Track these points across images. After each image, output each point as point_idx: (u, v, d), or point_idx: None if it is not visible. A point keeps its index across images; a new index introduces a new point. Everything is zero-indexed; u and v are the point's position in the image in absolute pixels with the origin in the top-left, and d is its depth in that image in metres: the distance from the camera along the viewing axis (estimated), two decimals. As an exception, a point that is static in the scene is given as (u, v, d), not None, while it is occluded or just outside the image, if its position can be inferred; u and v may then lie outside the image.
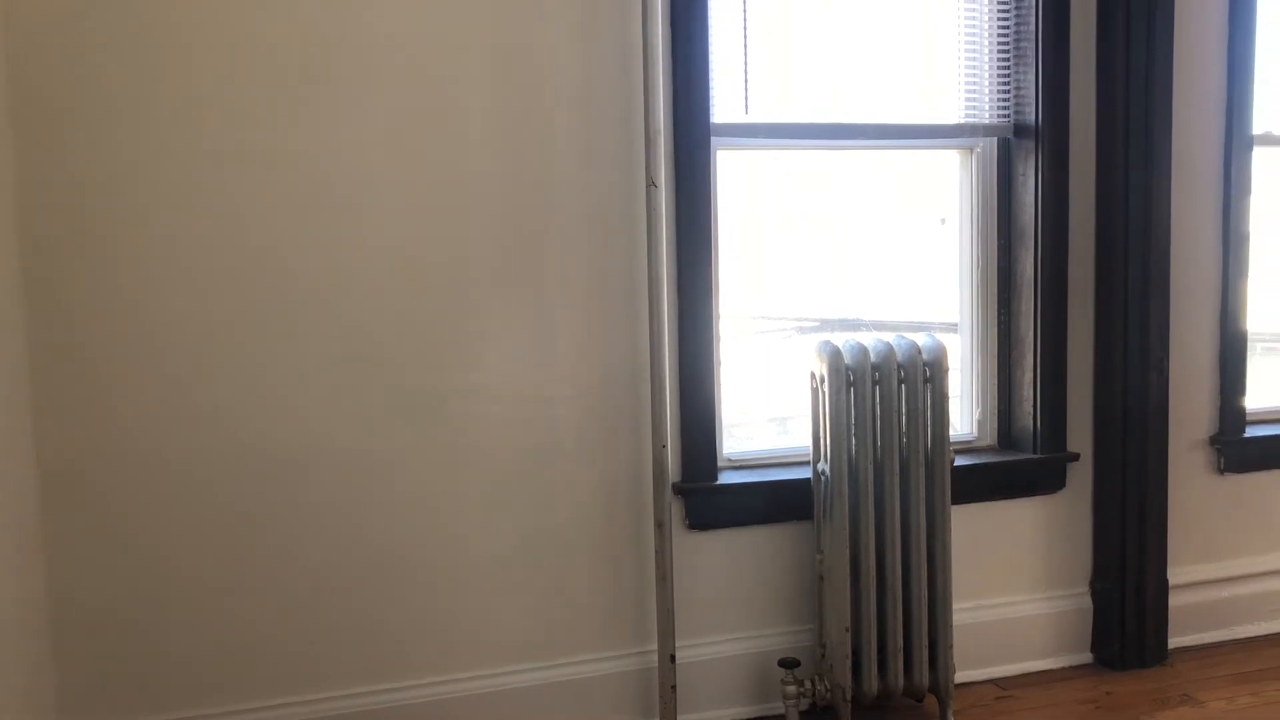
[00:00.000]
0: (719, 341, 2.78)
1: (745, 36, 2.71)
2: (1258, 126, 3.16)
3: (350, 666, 2.50)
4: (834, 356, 2.58)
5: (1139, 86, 2.90)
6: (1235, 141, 3.11)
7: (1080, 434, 3.04)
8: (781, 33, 2.77)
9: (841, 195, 3.16)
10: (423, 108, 2.44)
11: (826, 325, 3.14)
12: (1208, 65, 3.07)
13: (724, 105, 2.72)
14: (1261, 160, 3.20)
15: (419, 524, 2.52)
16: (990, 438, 3.09)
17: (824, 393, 2.61)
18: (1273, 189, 3.33)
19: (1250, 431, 3.23)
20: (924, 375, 2.62)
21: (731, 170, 2.88)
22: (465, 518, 2.55)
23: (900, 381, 2.61)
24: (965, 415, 3.10)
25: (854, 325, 3.13)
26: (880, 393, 2.60)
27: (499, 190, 2.51)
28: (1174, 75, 2.92)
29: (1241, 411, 3.22)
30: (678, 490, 2.68)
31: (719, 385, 2.77)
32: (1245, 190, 3.14)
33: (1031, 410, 3.00)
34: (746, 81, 2.73)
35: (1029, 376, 3.00)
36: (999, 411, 3.08)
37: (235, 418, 2.38)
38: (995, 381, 3.06)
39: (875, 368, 2.59)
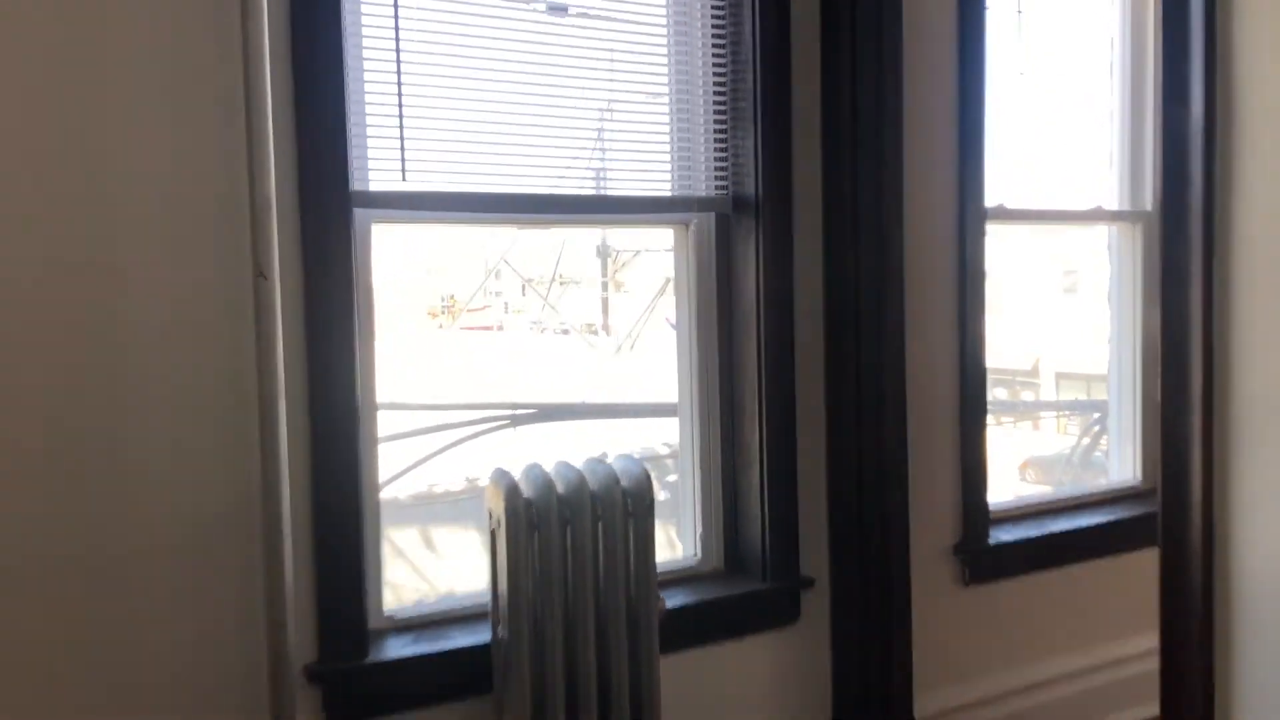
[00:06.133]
0: (377, 462, 2.20)
1: (400, 91, 2.16)
2: (990, 199, 2.90)
3: None
4: (511, 493, 2.04)
5: (869, 159, 2.54)
6: (970, 218, 2.83)
7: (816, 554, 2.64)
8: (450, 88, 2.23)
9: (554, 271, 2.70)
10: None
11: (543, 412, 2.68)
12: (941, 139, 2.77)
13: (378, 172, 2.17)
14: (996, 233, 2.95)
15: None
16: (716, 559, 2.64)
17: (501, 538, 2.07)
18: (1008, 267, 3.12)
19: (995, 536, 2.94)
20: (624, 508, 2.13)
21: (404, 246, 2.33)
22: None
23: (596, 519, 2.11)
24: (687, 531, 2.65)
25: (566, 413, 2.68)
26: (572, 534, 2.09)
27: (46, 296, 1.83)
28: (904, 150, 2.57)
29: (985, 514, 2.92)
30: (312, 675, 2.04)
31: (373, 525, 2.18)
32: (981, 274, 2.86)
33: (760, 528, 2.58)
34: (403, 144, 2.17)
35: (756, 488, 2.58)
36: (725, 526, 2.64)
37: None
38: (720, 492, 2.63)
39: (564, 503, 2.08)
